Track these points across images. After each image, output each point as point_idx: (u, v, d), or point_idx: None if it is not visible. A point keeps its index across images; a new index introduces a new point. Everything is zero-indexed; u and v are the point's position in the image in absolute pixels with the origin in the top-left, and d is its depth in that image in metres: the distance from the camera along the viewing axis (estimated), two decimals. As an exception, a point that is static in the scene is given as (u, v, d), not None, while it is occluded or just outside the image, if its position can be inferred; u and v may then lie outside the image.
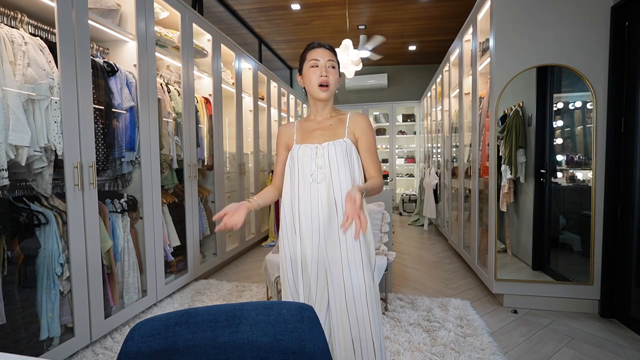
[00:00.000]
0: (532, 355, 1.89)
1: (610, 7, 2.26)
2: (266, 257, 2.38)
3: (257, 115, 4.41)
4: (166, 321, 0.67)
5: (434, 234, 5.10)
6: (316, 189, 1.24)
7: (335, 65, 1.28)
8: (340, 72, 1.32)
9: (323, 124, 1.32)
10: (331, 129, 1.30)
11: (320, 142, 1.27)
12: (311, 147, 1.27)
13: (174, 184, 2.91)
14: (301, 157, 1.27)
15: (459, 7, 4.77)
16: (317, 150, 1.26)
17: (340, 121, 1.31)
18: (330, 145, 1.25)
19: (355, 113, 1.32)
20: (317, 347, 0.68)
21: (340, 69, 1.32)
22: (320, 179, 1.23)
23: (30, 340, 1.71)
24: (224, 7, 4.81)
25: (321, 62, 1.26)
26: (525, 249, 2.86)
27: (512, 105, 2.76)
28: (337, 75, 1.29)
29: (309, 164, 1.26)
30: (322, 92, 1.26)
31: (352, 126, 1.29)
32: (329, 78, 1.25)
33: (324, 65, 1.26)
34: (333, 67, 1.27)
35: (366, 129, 1.28)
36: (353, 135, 1.28)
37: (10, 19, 1.71)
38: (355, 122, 1.29)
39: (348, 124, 1.29)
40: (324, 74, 1.25)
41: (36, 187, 1.76)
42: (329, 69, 1.26)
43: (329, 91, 1.26)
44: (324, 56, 1.26)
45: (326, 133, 1.29)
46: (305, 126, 1.35)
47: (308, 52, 1.29)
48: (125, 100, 2.20)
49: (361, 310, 1.21)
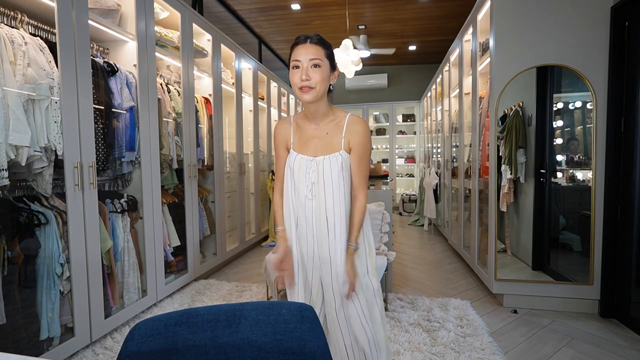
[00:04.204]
0: (532, 355, 1.89)
1: (610, 7, 2.26)
2: (266, 257, 2.38)
3: (257, 115, 4.41)
4: (166, 321, 0.67)
5: (433, 234, 5.10)
6: (310, 205, 1.23)
7: (320, 63, 1.17)
8: (332, 67, 1.23)
9: (320, 131, 1.26)
10: (327, 139, 1.24)
11: (315, 155, 1.24)
12: (307, 160, 1.24)
13: (174, 184, 2.91)
14: (296, 169, 1.25)
15: (459, 7, 4.77)
16: (310, 164, 1.23)
17: (338, 127, 1.24)
18: (325, 160, 1.22)
19: (354, 118, 1.25)
20: (317, 347, 0.68)
21: (332, 63, 1.22)
22: (311, 196, 1.22)
23: (30, 340, 1.71)
24: (224, 7, 4.81)
25: (303, 62, 1.16)
26: (525, 249, 2.86)
27: (512, 105, 2.76)
28: (323, 73, 1.18)
29: (304, 178, 1.23)
30: (304, 95, 1.17)
31: (348, 135, 1.23)
32: (312, 79, 1.16)
33: (306, 66, 1.16)
34: (316, 66, 1.17)
35: (362, 140, 1.22)
36: (348, 144, 1.23)
37: (10, 19, 1.71)
38: (352, 130, 1.22)
39: (345, 132, 1.23)
40: (304, 76, 1.16)
41: (36, 187, 1.77)
42: (311, 68, 1.16)
43: (313, 93, 1.17)
44: (306, 55, 1.16)
45: (322, 143, 1.24)
46: (302, 127, 1.29)
47: (292, 50, 1.21)
48: (125, 100, 2.20)
49: (356, 313, 1.25)
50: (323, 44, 1.19)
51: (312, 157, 1.23)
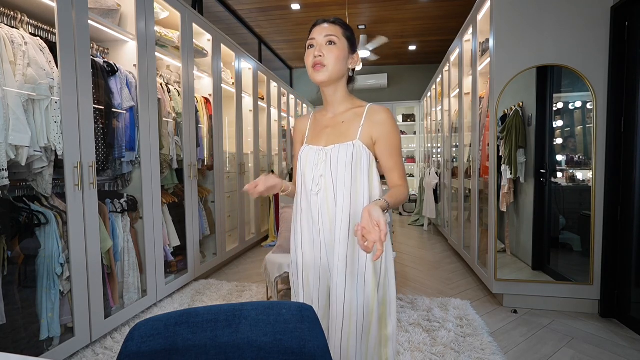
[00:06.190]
0: (532, 355, 1.89)
1: (610, 7, 2.26)
2: (266, 257, 2.38)
3: (257, 115, 4.41)
4: (166, 321, 0.67)
5: (433, 234, 5.10)
6: (316, 201, 1.07)
7: (335, 40, 1.04)
8: (352, 49, 1.09)
9: (336, 120, 1.11)
10: (343, 127, 1.08)
11: (326, 144, 1.08)
12: (316, 150, 1.09)
13: (174, 184, 2.91)
14: (304, 162, 1.11)
15: (459, 7, 4.77)
16: (320, 154, 1.08)
17: (356, 116, 1.08)
18: (334, 149, 1.05)
19: (375, 107, 1.08)
20: (317, 346, 0.68)
21: (351, 46, 1.09)
22: (317, 190, 1.07)
23: (30, 340, 1.71)
24: (224, 7, 4.81)
25: (317, 40, 1.05)
26: (525, 249, 2.86)
27: (512, 105, 2.76)
28: (339, 52, 1.04)
29: (310, 171, 1.08)
30: (316, 74, 1.04)
31: (368, 125, 1.06)
32: (325, 57, 1.03)
33: (320, 43, 1.05)
34: (331, 43, 1.04)
35: (387, 129, 1.05)
36: (369, 136, 1.06)
37: (10, 19, 1.71)
38: (373, 119, 1.06)
39: (364, 120, 1.06)
40: (318, 53, 1.04)
41: (36, 187, 1.77)
42: (325, 45, 1.04)
43: (326, 72, 1.04)
44: (321, 33, 1.05)
45: (336, 132, 1.09)
46: (318, 120, 1.17)
47: (309, 34, 1.09)
48: (125, 100, 2.20)
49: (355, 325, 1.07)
50: (342, 24, 1.09)
51: (322, 147, 1.09)
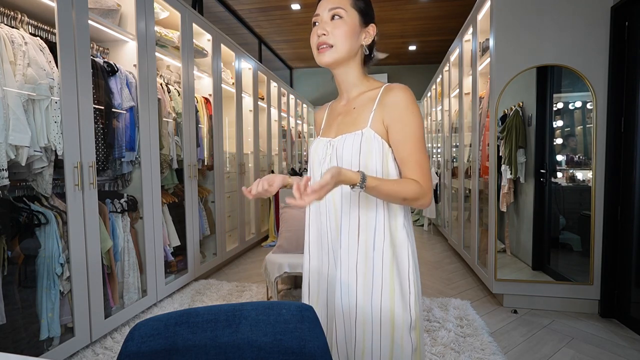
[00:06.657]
0: (532, 355, 1.89)
1: (610, 7, 2.26)
2: (266, 257, 2.38)
3: (257, 115, 4.42)
4: (166, 321, 0.67)
5: (433, 234, 5.10)
6: (323, 201, 0.94)
7: (341, 13, 0.87)
8: (364, 21, 0.92)
9: (349, 106, 0.96)
10: (354, 115, 0.93)
11: (335, 135, 0.94)
12: (324, 143, 0.96)
13: (174, 184, 2.91)
14: (313, 156, 0.98)
15: (459, 7, 4.77)
16: (327, 147, 0.94)
17: (369, 100, 0.91)
18: (340, 140, 0.90)
19: (390, 86, 0.90)
20: (317, 346, 0.68)
21: (363, 17, 0.91)
22: None
23: (30, 340, 1.71)
24: (224, 7, 4.81)
25: (321, 16, 0.90)
26: (525, 248, 2.86)
27: (512, 105, 2.76)
28: (348, 27, 0.88)
29: (318, 166, 0.96)
30: (320, 56, 0.89)
31: (381, 109, 0.88)
32: (330, 34, 0.88)
33: (324, 19, 0.89)
34: (337, 17, 0.88)
35: (399, 111, 0.85)
36: (381, 121, 0.88)
37: (10, 19, 1.71)
38: (385, 102, 0.87)
39: (376, 104, 0.89)
40: (321, 31, 0.88)
41: (36, 187, 1.76)
42: (330, 21, 0.88)
43: (333, 53, 0.88)
44: (325, 7, 0.89)
45: (347, 120, 0.93)
46: (333, 108, 1.04)
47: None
48: (125, 100, 2.20)
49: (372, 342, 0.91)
50: None
51: (330, 138, 0.95)
